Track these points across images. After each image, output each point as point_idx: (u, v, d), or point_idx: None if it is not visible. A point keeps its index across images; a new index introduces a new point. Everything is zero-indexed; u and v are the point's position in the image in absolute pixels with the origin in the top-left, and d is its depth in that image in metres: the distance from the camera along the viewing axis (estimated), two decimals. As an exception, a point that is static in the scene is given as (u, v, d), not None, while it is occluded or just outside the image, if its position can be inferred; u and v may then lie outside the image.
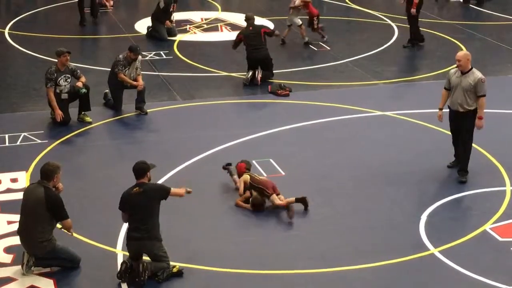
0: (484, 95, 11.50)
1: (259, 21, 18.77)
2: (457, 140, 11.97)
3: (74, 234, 10.00)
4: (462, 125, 11.69)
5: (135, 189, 9.27)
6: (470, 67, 11.63)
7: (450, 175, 11.97)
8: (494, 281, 9.19)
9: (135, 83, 14.22)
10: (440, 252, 9.83)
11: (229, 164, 11.59)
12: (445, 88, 11.84)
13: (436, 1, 23.92)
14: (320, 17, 19.47)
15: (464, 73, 11.56)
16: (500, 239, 10.17)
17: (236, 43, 16.52)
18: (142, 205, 9.16)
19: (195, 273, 9.33)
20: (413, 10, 18.39)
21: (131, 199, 9.22)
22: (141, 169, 9.40)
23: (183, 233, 10.16)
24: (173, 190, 9.42)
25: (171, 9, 19.41)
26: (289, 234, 10.28)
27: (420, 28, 19.98)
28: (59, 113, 13.50)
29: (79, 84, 13.72)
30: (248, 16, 16.55)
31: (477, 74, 11.56)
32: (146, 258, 9.27)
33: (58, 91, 13.57)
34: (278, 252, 9.87)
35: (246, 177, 11.12)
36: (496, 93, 15.73)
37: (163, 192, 9.36)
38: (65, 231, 9.39)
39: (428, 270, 9.46)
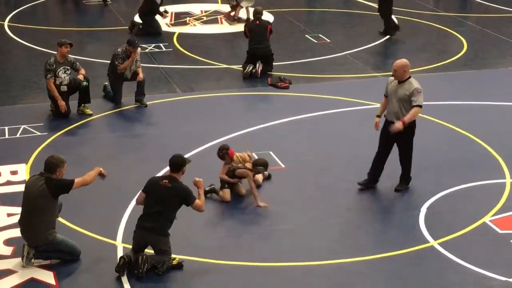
0: (420, 106, 10.67)
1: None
2: (382, 154, 11.09)
3: (74, 227, 10.03)
4: (398, 139, 10.88)
5: (165, 180, 9.21)
6: (408, 76, 10.75)
7: (450, 167, 11.98)
8: (494, 273, 9.20)
9: (130, 59, 14.14)
10: (439, 244, 9.84)
11: (212, 189, 11.21)
12: (384, 96, 11.03)
13: None
14: (319, 9, 19.44)
15: (400, 82, 10.73)
16: (499, 231, 10.18)
17: (245, 35, 16.50)
18: (163, 200, 9.10)
19: (195, 266, 9.34)
20: None
21: (157, 188, 9.17)
22: (177, 163, 9.30)
23: (182, 227, 10.14)
24: (197, 202, 9.24)
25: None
26: (288, 228, 10.28)
27: (418, 20, 20.08)
28: (62, 104, 13.50)
29: (80, 77, 13.71)
30: (257, 10, 16.55)
31: (413, 84, 10.72)
32: (149, 251, 9.28)
33: (57, 83, 13.56)
34: (277, 245, 9.88)
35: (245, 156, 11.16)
36: (496, 85, 15.79)
37: (188, 200, 9.19)
38: (99, 175, 9.49)
39: (428, 263, 9.47)
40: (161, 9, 19.27)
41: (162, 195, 9.13)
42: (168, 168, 11.56)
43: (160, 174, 11.22)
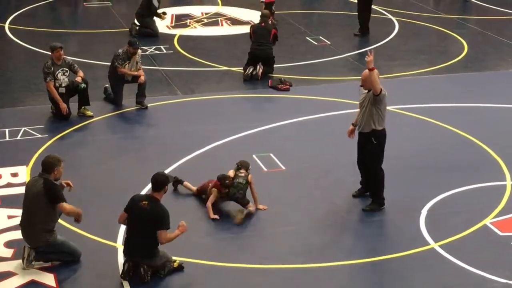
0: (376, 94, 10.23)
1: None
2: (364, 164, 10.84)
3: (75, 229, 10.02)
4: (366, 150, 10.63)
5: (144, 202, 8.97)
6: None
7: (450, 169, 11.98)
8: (495, 276, 9.21)
9: (135, 73, 14.22)
10: (440, 246, 9.84)
11: (177, 182, 11.08)
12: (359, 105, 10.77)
13: None
14: (319, 11, 19.45)
15: (370, 90, 10.41)
16: (500, 233, 10.18)
17: (251, 36, 16.41)
18: (142, 222, 8.91)
19: (195, 267, 9.34)
20: None
21: (136, 209, 8.99)
22: (159, 182, 9.00)
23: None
24: (165, 233, 8.88)
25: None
26: (288, 229, 10.29)
27: (419, 22, 20.08)
28: (64, 107, 13.50)
29: (78, 79, 13.71)
30: (264, 13, 16.66)
31: None
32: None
33: (56, 85, 13.56)
34: (277, 247, 9.88)
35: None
36: (496, 87, 15.79)
37: (160, 224, 8.86)
38: (73, 219, 9.31)
39: (428, 265, 9.47)
40: (159, 11, 19.29)
41: (141, 217, 8.91)
42: (168, 170, 11.64)
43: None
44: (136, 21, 19.22)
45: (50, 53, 13.60)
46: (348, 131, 10.96)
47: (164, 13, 19.47)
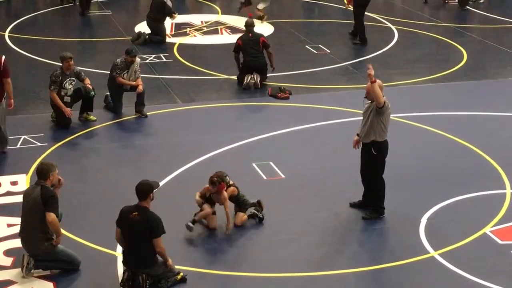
0: (379, 107, 10.16)
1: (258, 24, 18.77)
2: (365, 176, 10.78)
3: (74, 237, 10.02)
4: (367, 159, 10.60)
5: (134, 213, 8.90)
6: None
7: (450, 177, 11.97)
8: (494, 284, 9.20)
9: (133, 83, 14.25)
10: (440, 255, 9.84)
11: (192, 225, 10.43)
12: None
13: (425, 3, 23.96)
14: (319, 20, 19.53)
15: (373, 101, 10.29)
16: (500, 242, 10.17)
17: (236, 49, 16.35)
18: (136, 234, 8.87)
19: (196, 276, 9.32)
20: (347, 4, 19.80)
21: (127, 221, 8.92)
22: (142, 191, 8.95)
23: (183, 237, 10.15)
24: (161, 243, 8.86)
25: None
26: (288, 238, 10.28)
27: (419, 31, 20.10)
28: (67, 110, 13.53)
29: (90, 86, 13.75)
30: (248, 22, 16.43)
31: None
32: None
33: (62, 94, 13.61)
34: (277, 256, 9.87)
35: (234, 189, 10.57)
36: (496, 96, 15.80)
37: (155, 232, 8.83)
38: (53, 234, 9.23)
39: (428, 273, 9.47)
40: None
41: (133, 229, 8.87)
42: (168, 178, 11.64)
43: (161, 183, 11.19)
44: (138, 28, 19.25)
45: (61, 62, 13.62)
46: (353, 142, 10.84)
47: (175, 13, 19.56)
